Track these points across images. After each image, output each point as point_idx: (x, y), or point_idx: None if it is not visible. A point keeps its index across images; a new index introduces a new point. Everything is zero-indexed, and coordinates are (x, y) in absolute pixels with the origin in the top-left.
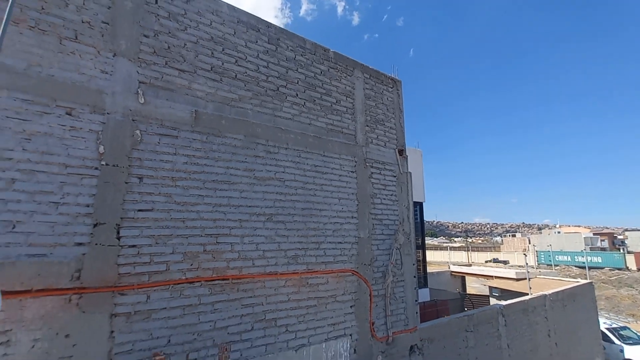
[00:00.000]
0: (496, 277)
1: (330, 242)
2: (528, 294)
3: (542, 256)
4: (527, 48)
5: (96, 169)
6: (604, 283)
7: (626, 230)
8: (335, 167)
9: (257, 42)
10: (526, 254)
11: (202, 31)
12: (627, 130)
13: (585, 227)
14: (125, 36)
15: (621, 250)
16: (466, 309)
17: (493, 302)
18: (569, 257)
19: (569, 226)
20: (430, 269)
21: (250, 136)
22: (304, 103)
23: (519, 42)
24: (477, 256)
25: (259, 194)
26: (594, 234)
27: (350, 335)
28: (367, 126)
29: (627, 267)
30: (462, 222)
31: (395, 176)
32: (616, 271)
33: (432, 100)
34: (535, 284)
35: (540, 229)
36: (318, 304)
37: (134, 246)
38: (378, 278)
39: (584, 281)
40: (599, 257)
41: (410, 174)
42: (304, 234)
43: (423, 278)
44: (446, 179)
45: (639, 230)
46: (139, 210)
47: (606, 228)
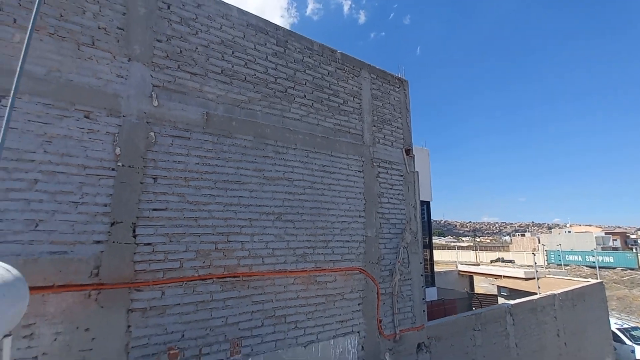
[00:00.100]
0: (505, 277)
1: (338, 241)
2: (537, 294)
3: (552, 256)
4: (533, 46)
5: (113, 169)
6: (615, 283)
7: (639, 229)
8: (343, 167)
9: (265, 44)
10: (535, 254)
11: (213, 35)
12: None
13: (596, 227)
14: (139, 41)
15: (634, 250)
16: (474, 308)
17: (501, 301)
18: (579, 256)
19: (580, 225)
20: (438, 268)
21: (260, 137)
22: (312, 104)
23: (525, 40)
24: (485, 256)
25: (268, 193)
26: (606, 233)
27: (358, 332)
28: (374, 126)
29: None
30: (470, 222)
31: (402, 175)
32: (628, 271)
33: (439, 98)
34: (545, 283)
35: (550, 228)
36: (326, 302)
37: (149, 244)
38: (385, 276)
39: (594, 281)
40: (610, 257)
41: (417, 173)
42: (313, 232)
43: (430, 277)
44: (453, 177)
45: None
46: (154, 210)
47: (618, 227)
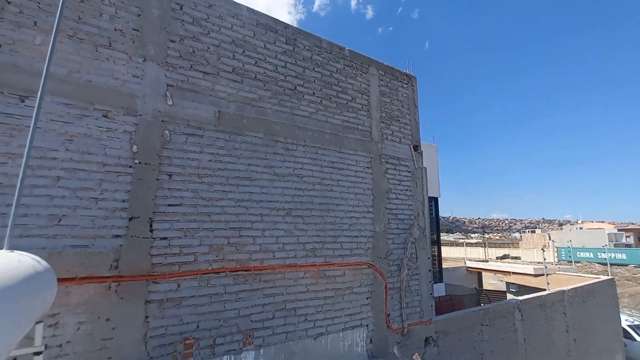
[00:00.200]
0: (513, 273)
1: (346, 236)
2: (546, 290)
3: (562, 252)
4: (546, 36)
5: (130, 167)
6: (627, 280)
7: None
8: (351, 163)
9: (275, 43)
10: (544, 250)
11: (224, 34)
12: None
13: (609, 223)
14: (153, 42)
15: None
16: (482, 304)
17: (510, 297)
18: (591, 253)
19: (592, 222)
20: (446, 265)
21: (270, 134)
22: (321, 101)
23: (537, 30)
24: (494, 252)
25: (278, 189)
26: (619, 229)
27: (367, 325)
28: (382, 122)
29: None
30: (479, 218)
31: (410, 171)
32: None
33: (449, 93)
34: (554, 280)
35: (561, 224)
36: (335, 295)
37: (165, 238)
38: (393, 271)
39: (604, 277)
40: (623, 254)
41: (425, 169)
42: (322, 227)
43: (438, 273)
44: (462, 173)
45: None
46: (169, 205)
47: (632, 224)
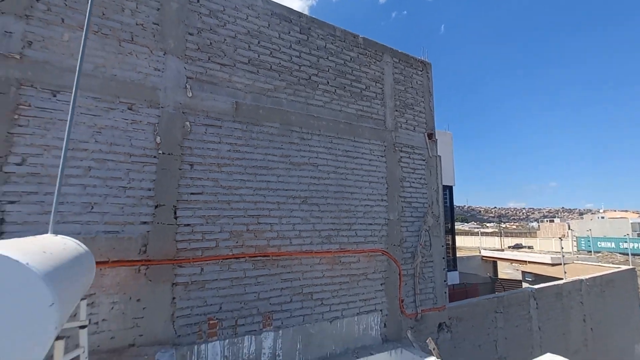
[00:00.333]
0: (530, 262)
1: (361, 224)
2: (563, 279)
3: (582, 242)
4: (571, 22)
5: (155, 157)
6: None
7: None
8: (366, 151)
9: (289, 32)
10: (562, 239)
11: (240, 25)
12: None
13: (633, 212)
14: (172, 35)
15: None
16: (497, 292)
17: (525, 286)
18: (612, 243)
19: (615, 211)
20: (461, 254)
21: (285, 124)
22: (335, 90)
23: (562, 17)
24: (510, 242)
25: (294, 178)
26: None
27: (381, 310)
28: (396, 111)
29: None
30: (495, 207)
31: (424, 160)
32: None
33: (465, 78)
34: (572, 269)
35: (581, 214)
36: (350, 281)
37: (188, 225)
38: (407, 258)
39: (625, 267)
40: None
41: (440, 157)
42: (337, 215)
43: (452, 261)
44: (478, 162)
45: None
46: (192, 194)
47: None
